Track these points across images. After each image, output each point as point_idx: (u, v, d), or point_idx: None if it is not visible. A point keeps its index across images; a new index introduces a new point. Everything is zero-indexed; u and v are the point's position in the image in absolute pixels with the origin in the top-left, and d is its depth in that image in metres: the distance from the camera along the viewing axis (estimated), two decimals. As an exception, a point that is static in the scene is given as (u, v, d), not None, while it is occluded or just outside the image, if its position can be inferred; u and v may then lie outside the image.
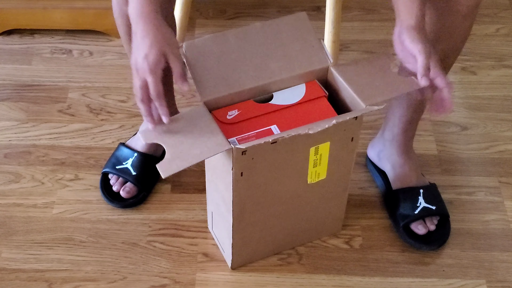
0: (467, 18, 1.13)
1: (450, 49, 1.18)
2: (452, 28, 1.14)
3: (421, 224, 1.29)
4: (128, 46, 1.24)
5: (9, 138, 1.48)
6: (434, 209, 1.30)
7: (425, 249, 1.29)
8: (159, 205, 1.36)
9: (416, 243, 1.29)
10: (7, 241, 1.30)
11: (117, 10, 1.19)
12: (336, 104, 1.14)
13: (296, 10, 1.81)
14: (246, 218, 1.16)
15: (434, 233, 1.29)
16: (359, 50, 1.70)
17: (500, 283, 1.25)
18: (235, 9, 1.82)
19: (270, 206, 1.16)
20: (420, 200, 1.30)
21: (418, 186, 1.32)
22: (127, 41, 1.23)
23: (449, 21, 1.13)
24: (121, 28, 1.22)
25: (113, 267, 1.27)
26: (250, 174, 1.08)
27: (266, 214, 1.17)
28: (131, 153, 1.38)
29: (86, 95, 1.58)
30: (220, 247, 1.28)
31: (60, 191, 1.39)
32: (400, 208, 1.30)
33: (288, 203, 1.18)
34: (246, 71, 1.12)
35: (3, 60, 1.67)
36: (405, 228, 1.29)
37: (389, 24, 1.77)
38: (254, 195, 1.13)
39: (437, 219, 1.30)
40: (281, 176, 1.12)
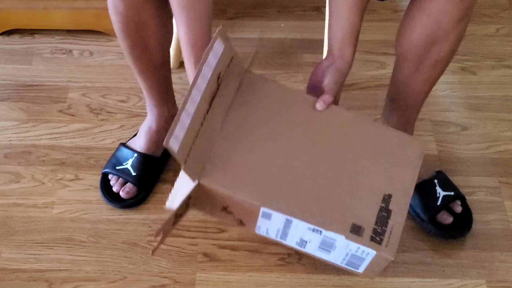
0: (463, 20, 1.13)
1: (447, 51, 1.18)
2: (448, 31, 1.14)
3: (446, 213, 1.31)
4: (123, 43, 1.25)
5: (9, 138, 1.48)
6: (453, 194, 1.32)
7: (458, 236, 1.30)
8: (159, 205, 1.37)
9: (447, 233, 1.30)
10: (7, 241, 1.30)
11: (111, 7, 1.20)
12: None
13: (296, 10, 1.81)
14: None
15: (457, 219, 1.31)
16: (359, 50, 1.69)
17: (500, 283, 1.25)
18: (235, 9, 1.82)
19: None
20: (438, 190, 1.32)
21: (431, 178, 1.33)
22: (122, 38, 1.24)
23: (445, 24, 1.13)
24: (116, 25, 1.22)
25: (113, 267, 1.27)
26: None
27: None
28: (131, 153, 1.38)
29: (86, 95, 1.58)
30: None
31: (60, 191, 1.39)
32: (422, 203, 1.31)
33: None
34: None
35: (3, 60, 1.67)
36: (432, 222, 1.30)
37: (389, 24, 1.77)
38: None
39: (459, 203, 1.33)
40: None
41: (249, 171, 1.06)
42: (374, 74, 1.64)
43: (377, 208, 1.06)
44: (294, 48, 1.70)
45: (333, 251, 1.07)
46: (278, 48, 1.71)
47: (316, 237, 1.05)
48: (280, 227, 1.06)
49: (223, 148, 1.07)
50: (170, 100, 1.40)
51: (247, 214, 1.07)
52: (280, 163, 1.08)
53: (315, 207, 1.05)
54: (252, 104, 1.13)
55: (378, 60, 1.67)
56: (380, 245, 1.03)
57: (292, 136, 1.11)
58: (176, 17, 1.12)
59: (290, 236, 1.07)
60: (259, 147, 1.09)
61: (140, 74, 1.31)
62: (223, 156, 1.06)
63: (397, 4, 1.82)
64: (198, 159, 1.03)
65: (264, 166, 1.07)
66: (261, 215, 1.05)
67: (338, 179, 1.08)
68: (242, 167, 1.06)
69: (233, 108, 1.12)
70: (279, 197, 1.04)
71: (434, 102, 1.54)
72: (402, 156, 1.13)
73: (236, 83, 1.13)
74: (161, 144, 1.41)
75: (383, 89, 1.58)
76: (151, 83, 1.33)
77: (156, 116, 1.39)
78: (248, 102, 1.13)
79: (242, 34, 1.74)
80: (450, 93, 1.59)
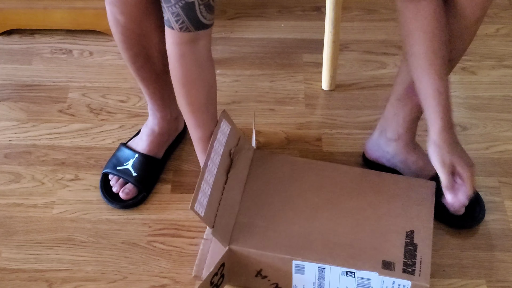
0: (479, 21, 1.15)
1: (459, 49, 1.20)
2: (464, 31, 1.15)
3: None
4: (125, 54, 1.25)
5: (9, 138, 1.48)
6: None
7: (475, 224, 1.32)
8: (159, 205, 1.37)
9: (467, 223, 1.31)
10: (7, 241, 1.30)
11: (112, 20, 1.20)
12: None
13: (296, 10, 1.81)
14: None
15: (469, 207, 1.31)
16: (359, 50, 1.70)
17: (500, 283, 1.25)
18: (235, 9, 1.82)
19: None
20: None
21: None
22: (123, 49, 1.24)
23: (463, 24, 1.14)
24: (117, 36, 1.22)
25: (113, 267, 1.27)
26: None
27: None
28: (132, 154, 1.38)
29: (86, 95, 1.58)
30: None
31: (60, 191, 1.39)
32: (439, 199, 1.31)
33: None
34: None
35: (3, 60, 1.67)
36: (449, 215, 1.29)
37: (389, 24, 1.77)
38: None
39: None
40: None
41: (275, 232, 1.15)
42: (374, 74, 1.64)
43: (402, 244, 1.14)
44: (294, 48, 1.70)
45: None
46: (278, 48, 1.71)
47: (351, 282, 1.11)
48: (315, 280, 1.13)
49: (246, 216, 1.18)
50: (172, 103, 1.40)
51: (281, 274, 1.14)
52: (302, 222, 1.17)
53: (344, 253, 1.12)
54: (266, 177, 1.25)
55: (378, 60, 1.67)
56: (413, 275, 1.09)
57: (308, 198, 1.22)
58: (177, 93, 1.16)
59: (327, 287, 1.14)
60: (280, 212, 1.19)
61: (142, 82, 1.31)
62: (248, 223, 1.16)
63: (397, 4, 1.82)
64: (224, 225, 1.13)
65: (288, 227, 1.16)
66: (294, 271, 1.12)
67: (360, 227, 1.17)
68: (268, 230, 1.16)
69: (249, 182, 1.24)
70: (308, 249, 1.13)
71: (434, 102, 1.54)
72: (415, 196, 1.22)
73: (247, 159, 1.25)
74: (163, 146, 1.41)
75: (383, 89, 1.58)
76: (153, 90, 1.33)
77: (159, 119, 1.38)
78: (262, 175, 1.25)
79: (242, 34, 1.74)
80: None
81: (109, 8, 1.18)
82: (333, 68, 1.56)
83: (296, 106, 1.56)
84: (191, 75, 1.11)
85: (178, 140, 1.46)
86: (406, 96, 1.30)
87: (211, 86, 1.17)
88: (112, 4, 1.17)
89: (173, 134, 1.43)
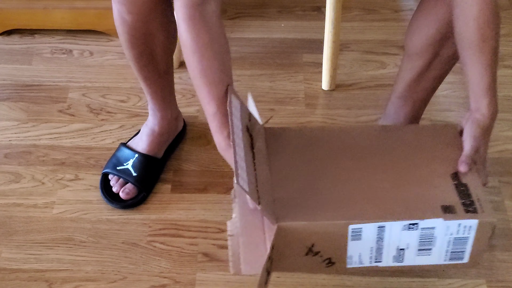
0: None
1: None
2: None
3: None
4: (130, 53, 1.25)
5: (9, 138, 1.48)
6: None
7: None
8: (159, 205, 1.37)
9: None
10: (7, 241, 1.30)
11: (118, 19, 1.19)
12: None
13: (296, 10, 1.81)
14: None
15: None
16: (359, 50, 1.70)
17: (500, 283, 1.25)
18: (235, 9, 1.82)
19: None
20: None
21: None
22: (128, 47, 1.24)
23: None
24: (122, 36, 1.22)
25: (113, 267, 1.27)
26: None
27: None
28: (132, 154, 1.38)
29: (86, 95, 1.58)
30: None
31: (60, 191, 1.39)
32: None
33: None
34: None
35: (3, 60, 1.67)
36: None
37: (389, 24, 1.77)
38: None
39: None
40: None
41: (319, 202, 1.06)
42: (374, 74, 1.64)
43: (452, 186, 1.07)
44: (294, 48, 1.70)
45: (434, 247, 1.05)
46: (278, 48, 1.71)
47: (413, 237, 1.04)
48: (373, 244, 1.05)
49: (282, 191, 1.08)
50: (172, 103, 1.40)
51: (335, 246, 1.05)
52: (342, 187, 1.09)
53: (400, 207, 1.04)
54: (286, 150, 1.15)
55: (378, 60, 1.67)
56: (477, 213, 1.02)
57: (338, 162, 1.13)
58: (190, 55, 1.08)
59: (386, 252, 1.06)
60: (314, 181, 1.10)
61: (145, 81, 1.31)
62: (287, 197, 1.07)
63: (397, 4, 1.82)
64: (267, 202, 1.04)
65: (330, 194, 1.07)
66: (351, 238, 1.04)
67: (403, 179, 1.09)
68: (311, 201, 1.06)
69: (270, 158, 1.14)
70: (361, 211, 1.04)
71: (434, 102, 1.53)
72: (443, 140, 1.15)
73: (262, 135, 1.16)
74: (163, 145, 1.41)
75: (383, 89, 1.58)
76: (155, 89, 1.33)
77: (159, 119, 1.38)
78: (282, 150, 1.15)
79: (243, 34, 1.74)
80: (450, 93, 1.58)
81: (116, 7, 1.18)
82: (333, 68, 1.56)
83: (296, 106, 1.56)
84: (201, 40, 1.05)
85: (178, 140, 1.46)
86: (407, 94, 1.30)
87: (224, 54, 1.09)
88: (120, 3, 1.17)
89: (173, 134, 1.43)
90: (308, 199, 1.07)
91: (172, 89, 1.38)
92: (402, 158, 1.13)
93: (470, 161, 1.09)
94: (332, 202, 1.06)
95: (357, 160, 1.13)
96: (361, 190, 1.08)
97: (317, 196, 1.07)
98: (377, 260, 1.06)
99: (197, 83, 1.08)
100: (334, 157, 1.14)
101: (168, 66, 1.31)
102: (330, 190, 1.08)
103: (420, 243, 1.04)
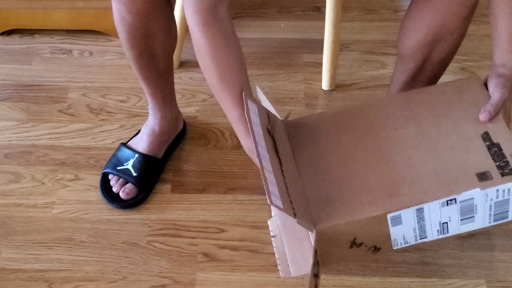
0: (468, 18, 1.14)
1: (451, 48, 1.20)
2: (453, 29, 1.15)
3: None
4: (130, 53, 1.24)
5: (9, 138, 1.48)
6: None
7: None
8: (159, 205, 1.37)
9: None
10: (7, 241, 1.30)
11: (118, 18, 1.19)
12: None
13: (296, 10, 1.81)
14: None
15: None
16: (359, 50, 1.70)
17: (500, 283, 1.25)
18: (235, 9, 1.82)
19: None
20: None
21: None
22: (128, 47, 1.23)
23: (450, 22, 1.14)
24: (122, 35, 1.22)
25: (113, 267, 1.27)
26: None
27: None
28: (132, 154, 1.38)
29: (86, 95, 1.58)
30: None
31: (60, 191, 1.39)
32: None
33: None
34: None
35: (3, 60, 1.67)
36: None
37: (389, 24, 1.77)
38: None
39: None
40: None
41: (352, 193, 1.05)
42: (374, 74, 1.64)
43: (485, 148, 1.05)
44: (294, 48, 1.70)
45: (476, 214, 1.03)
46: (278, 48, 1.71)
47: (453, 210, 1.02)
48: (415, 225, 1.03)
49: (313, 189, 1.07)
50: (172, 103, 1.40)
51: (377, 234, 1.04)
52: (373, 170, 1.07)
53: (435, 183, 1.03)
54: (310, 141, 1.14)
55: (378, 60, 1.67)
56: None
57: (366, 144, 1.11)
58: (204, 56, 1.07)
59: (429, 228, 1.04)
60: (344, 169, 1.08)
61: (145, 81, 1.31)
62: (319, 195, 1.06)
63: (397, 4, 1.83)
64: (302, 209, 1.03)
65: (362, 181, 1.06)
66: (391, 224, 1.03)
67: (434, 150, 1.07)
68: (344, 194, 1.05)
69: (296, 154, 1.12)
70: (396, 196, 1.03)
71: (434, 102, 1.54)
72: (468, 97, 1.12)
73: (284, 132, 1.14)
74: (163, 146, 1.41)
75: (383, 89, 1.58)
76: (155, 89, 1.33)
77: (160, 119, 1.38)
78: (305, 142, 1.14)
79: (242, 34, 1.74)
80: (450, 93, 1.59)
81: (116, 7, 1.18)
82: (333, 68, 1.56)
83: (296, 106, 1.56)
84: (218, 44, 1.04)
85: (178, 140, 1.46)
86: None
87: (240, 54, 1.08)
88: (120, 2, 1.16)
89: (173, 134, 1.43)
90: (342, 192, 1.05)
91: (172, 89, 1.38)
92: (431, 126, 1.10)
93: (494, 110, 1.07)
94: (366, 190, 1.04)
95: (386, 138, 1.11)
96: (394, 171, 1.06)
97: (349, 187, 1.06)
98: (422, 237, 1.05)
99: (217, 89, 1.07)
100: (360, 138, 1.12)
101: (168, 66, 1.31)
102: (362, 177, 1.07)
103: (462, 214, 1.03)
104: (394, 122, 1.12)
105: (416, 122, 1.11)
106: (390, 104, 1.16)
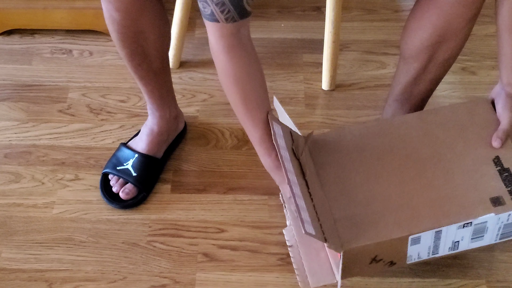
0: (472, 21, 1.15)
1: (455, 49, 1.20)
2: (458, 30, 1.16)
3: None
4: (122, 52, 1.25)
5: (9, 138, 1.48)
6: None
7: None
8: (159, 205, 1.37)
9: None
10: (7, 241, 1.30)
11: (107, 17, 1.20)
12: None
13: (296, 10, 1.81)
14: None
15: None
16: (359, 50, 1.70)
17: (500, 283, 1.25)
18: (235, 9, 1.82)
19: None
20: None
21: None
22: (120, 46, 1.24)
23: (455, 23, 1.14)
24: (114, 34, 1.22)
25: (113, 267, 1.27)
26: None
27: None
28: (132, 154, 1.38)
29: (86, 95, 1.58)
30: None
31: (60, 191, 1.39)
32: None
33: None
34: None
35: (3, 60, 1.67)
36: None
37: (389, 24, 1.77)
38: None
39: None
40: None
41: (376, 214, 1.10)
42: (374, 74, 1.64)
43: (497, 173, 1.11)
44: (294, 48, 1.70)
45: (486, 234, 1.10)
46: (278, 48, 1.71)
47: (467, 231, 1.09)
48: (431, 244, 1.10)
49: (340, 210, 1.11)
50: (171, 102, 1.40)
51: (396, 252, 1.09)
52: (395, 191, 1.12)
53: (453, 207, 1.09)
54: (333, 160, 1.18)
55: (378, 60, 1.67)
56: None
57: (387, 163, 1.16)
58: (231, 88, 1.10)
59: (442, 247, 1.11)
60: (368, 189, 1.13)
61: (140, 80, 1.31)
62: (346, 216, 1.10)
63: (397, 4, 1.82)
64: (331, 231, 1.07)
65: (385, 202, 1.11)
66: (410, 244, 1.08)
67: (451, 173, 1.12)
68: (369, 215, 1.10)
69: (320, 173, 1.16)
70: (418, 219, 1.08)
71: (434, 102, 1.53)
72: (479, 119, 1.18)
73: (307, 151, 1.18)
74: (163, 145, 1.41)
75: (383, 89, 1.58)
76: (152, 88, 1.33)
77: (158, 119, 1.38)
78: (329, 160, 1.18)
79: (242, 34, 1.74)
80: (450, 93, 1.58)
81: (104, 6, 1.18)
82: (333, 68, 1.56)
83: (296, 106, 1.56)
84: (243, 68, 1.06)
85: (178, 140, 1.46)
86: (404, 97, 1.30)
87: (263, 76, 1.10)
88: (107, 1, 1.17)
89: (172, 134, 1.43)
90: (367, 213, 1.10)
91: (169, 88, 1.38)
92: (445, 148, 1.15)
93: (505, 137, 1.11)
94: (390, 212, 1.10)
95: (404, 157, 1.16)
96: (415, 193, 1.11)
97: (374, 208, 1.11)
98: (434, 253, 1.11)
99: (239, 110, 1.10)
100: (380, 159, 1.17)
101: (163, 64, 1.31)
102: (385, 197, 1.12)
103: (473, 233, 1.09)
104: (411, 143, 1.18)
105: (431, 143, 1.17)
106: (406, 124, 1.21)
